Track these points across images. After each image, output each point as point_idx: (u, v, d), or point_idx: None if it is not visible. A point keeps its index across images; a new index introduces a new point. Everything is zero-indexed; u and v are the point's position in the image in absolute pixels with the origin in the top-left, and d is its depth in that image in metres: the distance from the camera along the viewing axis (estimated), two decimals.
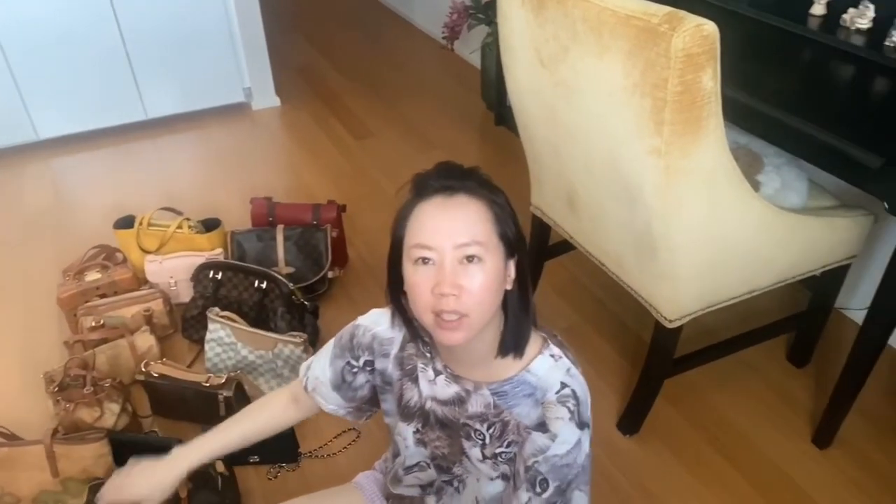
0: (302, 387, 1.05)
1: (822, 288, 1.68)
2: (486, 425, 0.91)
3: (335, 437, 1.68)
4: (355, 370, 0.99)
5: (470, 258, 0.78)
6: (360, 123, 3.13)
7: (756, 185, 1.46)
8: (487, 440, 0.91)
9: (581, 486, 0.89)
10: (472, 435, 0.92)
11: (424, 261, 0.79)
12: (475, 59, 3.34)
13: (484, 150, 2.93)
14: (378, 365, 0.98)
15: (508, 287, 0.84)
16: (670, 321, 1.44)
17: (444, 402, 0.93)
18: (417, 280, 0.80)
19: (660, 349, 1.54)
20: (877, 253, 1.80)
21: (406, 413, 0.98)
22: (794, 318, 1.77)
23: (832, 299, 1.69)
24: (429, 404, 0.95)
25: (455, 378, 0.91)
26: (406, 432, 0.99)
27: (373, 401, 1.04)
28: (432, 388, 0.93)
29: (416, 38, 4.02)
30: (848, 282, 1.67)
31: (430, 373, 0.93)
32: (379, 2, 4.57)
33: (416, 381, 0.95)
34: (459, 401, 0.92)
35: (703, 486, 1.56)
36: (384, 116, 3.18)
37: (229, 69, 3.11)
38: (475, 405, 0.91)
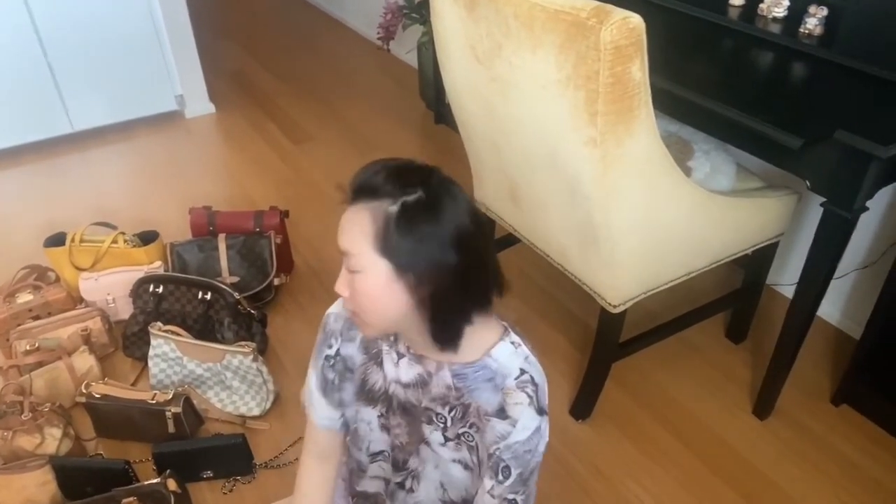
0: (307, 413, 1.06)
1: (754, 266, 1.76)
2: (447, 408, 0.92)
3: (290, 446, 1.65)
4: (332, 363, 1.00)
5: (352, 269, 0.81)
6: (299, 127, 3.10)
7: (688, 171, 1.52)
8: (449, 423, 0.93)
9: (535, 477, 0.92)
10: (434, 419, 0.94)
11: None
12: (412, 59, 3.34)
13: (425, 148, 2.94)
14: (343, 350, 0.98)
15: (412, 302, 0.81)
16: (614, 307, 1.48)
17: (407, 385, 0.94)
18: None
19: (606, 334, 1.58)
20: (802, 230, 1.90)
21: (369, 397, 0.98)
22: (730, 296, 1.85)
23: (764, 276, 1.78)
24: (392, 388, 0.95)
25: (418, 358, 0.92)
26: (370, 416, 1.00)
27: None
28: (396, 371, 0.94)
29: (351, 40, 4.00)
30: (777, 259, 1.76)
31: (394, 355, 0.94)
32: (310, 4, 4.52)
33: (380, 364, 0.95)
34: (422, 383, 0.92)
35: (653, 463, 1.61)
36: (322, 119, 3.15)
37: (159, 76, 3.01)
38: (437, 387, 0.92)
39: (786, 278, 2.01)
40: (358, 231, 0.78)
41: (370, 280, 0.80)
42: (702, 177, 1.53)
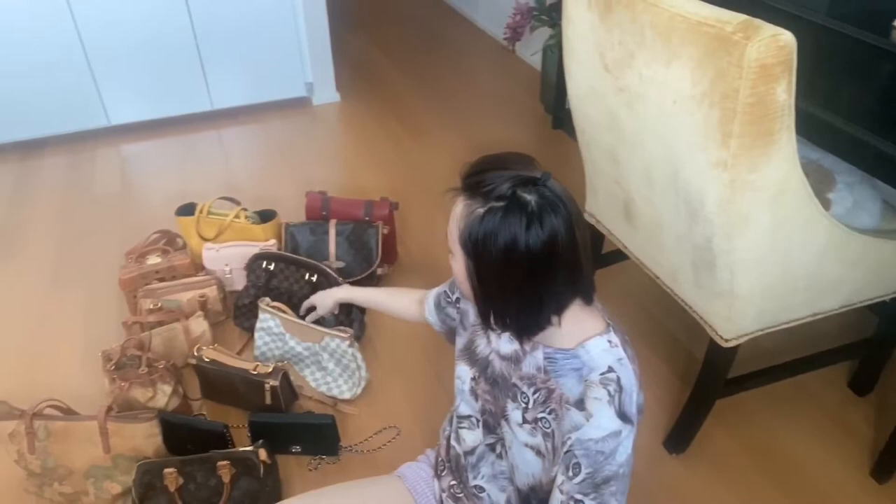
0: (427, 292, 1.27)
1: (891, 314, 1.59)
2: (532, 389, 0.94)
3: (376, 433, 1.68)
4: (449, 300, 1.19)
5: (449, 248, 0.91)
6: (417, 122, 3.15)
7: (826, 204, 1.39)
8: (531, 404, 0.94)
9: (617, 496, 0.89)
10: (518, 397, 0.96)
11: None
12: (536, 61, 3.31)
13: (540, 153, 2.88)
14: (462, 304, 1.12)
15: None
16: (726, 340, 1.39)
17: (503, 357, 0.99)
18: None
19: (713, 368, 1.48)
20: None
21: (471, 357, 1.05)
22: (860, 344, 1.68)
23: None
24: (492, 356, 1.01)
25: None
26: (465, 375, 1.07)
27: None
28: (498, 341, 1.00)
29: (478, 39, 4.01)
30: None
31: None
32: (443, 1, 4.58)
33: (486, 331, 1.03)
34: (516, 359, 0.97)
35: None
36: (441, 116, 3.18)
37: (293, 64, 3.17)
38: (528, 366, 0.95)
39: None
40: (455, 221, 0.87)
41: (456, 265, 0.90)
42: (842, 212, 1.40)
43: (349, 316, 1.89)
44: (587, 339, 0.90)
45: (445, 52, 3.88)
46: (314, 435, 1.62)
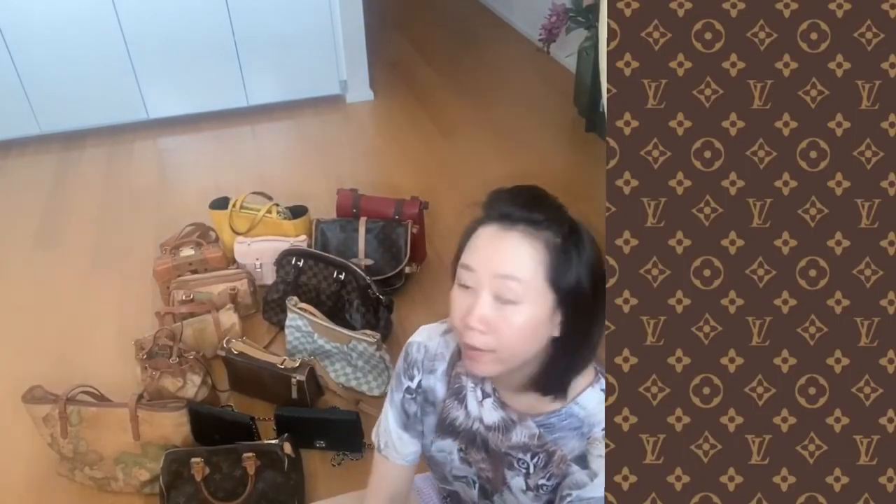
0: (380, 455, 1.01)
1: None
2: (529, 455, 0.88)
3: None
4: (410, 396, 0.96)
5: (507, 299, 0.75)
6: (450, 122, 3.15)
7: None
8: (531, 469, 0.89)
9: None
10: (516, 464, 0.90)
11: (466, 287, 0.78)
12: (570, 63, 3.28)
13: (572, 155, 2.87)
14: (425, 382, 0.95)
15: (556, 334, 0.78)
16: None
17: (489, 427, 0.91)
18: (455, 302, 0.80)
19: None
20: None
21: (452, 431, 0.95)
22: None
23: None
24: (475, 426, 0.92)
25: (502, 405, 0.89)
26: (450, 447, 0.96)
27: None
28: (480, 409, 0.91)
29: (513, 39, 4.00)
30: None
31: (479, 393, 0.91)
32: (479, 1, 4.57)
33: (463, 400, 0.92)
34: (504, 428, 0.89)
35: None
36: (474, 116, 3.18)
37: (328, 62, 3.19)
38: (519, 435, 0.88)
39: None
40: (529, 258, 0.75)
41: (532, 311, 0.75)
42: None
43: (376, 315, 1.90)
44: (578, 392, 0.84)
45: (480, 52, 3.88)
46: (339, 431, 1.63)
